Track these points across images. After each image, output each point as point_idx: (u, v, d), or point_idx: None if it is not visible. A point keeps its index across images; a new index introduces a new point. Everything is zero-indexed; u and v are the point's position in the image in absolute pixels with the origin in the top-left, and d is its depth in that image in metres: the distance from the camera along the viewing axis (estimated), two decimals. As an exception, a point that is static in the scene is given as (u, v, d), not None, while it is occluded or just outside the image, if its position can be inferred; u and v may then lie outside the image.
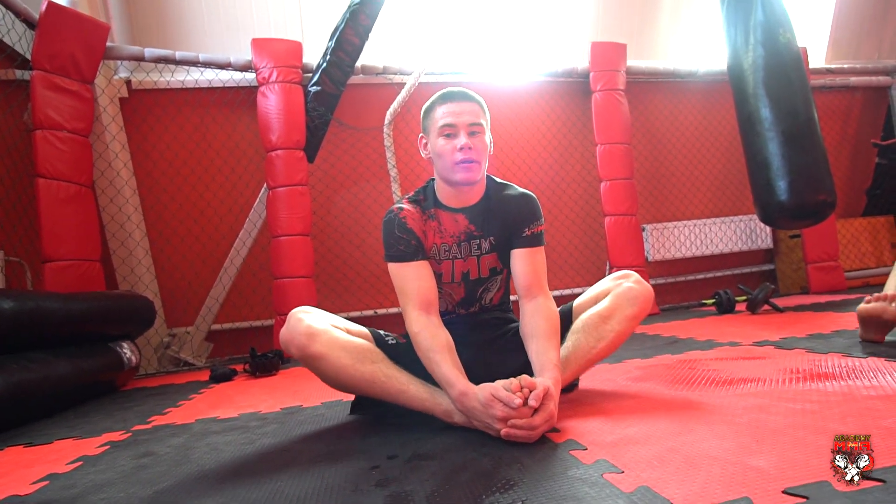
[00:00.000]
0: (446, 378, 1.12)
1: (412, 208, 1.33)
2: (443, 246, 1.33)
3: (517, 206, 1.33)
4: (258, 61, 3.05)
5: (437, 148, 1.28)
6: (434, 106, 1.30)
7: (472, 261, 1.34)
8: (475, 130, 1.27)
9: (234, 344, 3.25)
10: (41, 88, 2.46)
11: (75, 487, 1.04)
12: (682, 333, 2.42)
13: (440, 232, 1.33)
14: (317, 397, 1.72)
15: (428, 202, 1.35)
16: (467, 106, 1.27)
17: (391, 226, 1.29)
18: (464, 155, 1.24)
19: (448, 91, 1.31)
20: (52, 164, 2.45)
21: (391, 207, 1.34)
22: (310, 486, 0.91)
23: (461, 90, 1.30)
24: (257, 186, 3.26)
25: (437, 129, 1.27)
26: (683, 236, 3.94)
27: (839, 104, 4.45)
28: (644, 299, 1.35)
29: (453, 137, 1.26)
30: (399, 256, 1.27)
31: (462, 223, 1.33)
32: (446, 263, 1.34)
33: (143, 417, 1.69)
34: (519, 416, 1.00)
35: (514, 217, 1.32)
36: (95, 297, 2.26)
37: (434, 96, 1.33)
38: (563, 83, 3.83)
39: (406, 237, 1.28)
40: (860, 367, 1.39)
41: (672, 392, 1.33)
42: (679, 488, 0.74)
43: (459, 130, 1.25)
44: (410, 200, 1.36)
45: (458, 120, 1.25)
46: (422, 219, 1.32)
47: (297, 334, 1.23)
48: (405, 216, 1.30)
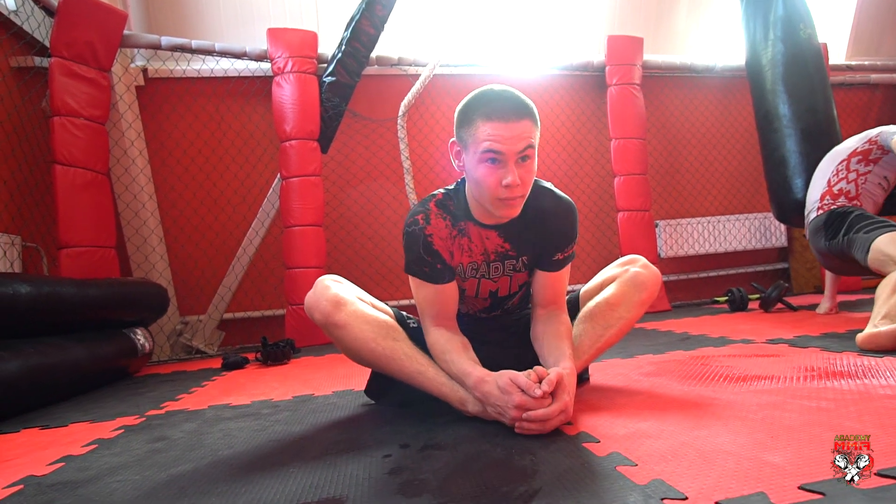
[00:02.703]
0: (462, 370, 1.11)
1: (439, 222, 1.18)
2: (470, 265, 1.23)
3: (555, 224, 1.20)
4: (273, 51, 3.06)
5: (476, 173, 1.08)
6: (475, 118, 1.06)
7: (503, 280, 1.26)
8: (527, 155, 1.06)
9: (245, 333, 3.28)
10: (59, 76, 2.48)
11: (90, 469, 1.05)
12: (695, 330, 2.40)
13: (469, 250, 1.21)
14: (328, 386, 1.73)
15: (458, 213, 1.20)
16: (519, 127, 1.04)
17: (415, 243, 1.17)
18: (510, 193, 1.06)
19: (494, 99, 1.07)
20: (68, 151, 2.48)
21: (415, 215, 1.18)
22: (322, 472, 0.92)
23: (511, 99, 1.07)
24: (271, 176, 3.27)
25: (478, 150, 1.05)
26: (697, 233, 3.90)
27: (859, 102, 4.38)
28: (652, 284, 1.32)
29: (499, 166, 1.05)
30: (422, 276, 1.19)
31: (494, 241, 1.21)
32: (472, 281, 1.25)
33: (157, 403, 1.71)
34: (535, 405, 0.99)
35: (549, 235, 1.21)
36: (110, 284, 2.29)
37: (474, 98, 1.10)
38: (578, 77, 3.80)
39: (432, 260, 1.17)
40: (876, 367, 1.37)
41: (685, 387, 1.32)
42: (693, 482, 0.74)
43: (508, 159, 1.04)
44: (438, 207, 1.20)
45: (506, 147, 1.04)
46: (449, 237, 1.19)
47: (323, 300, 1.23)
48: (431, 235, 1.17)
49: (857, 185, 2.27)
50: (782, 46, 3.16)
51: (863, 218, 2.12)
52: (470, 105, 1.10)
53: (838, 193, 2.29)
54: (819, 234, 2.29)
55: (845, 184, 2.29)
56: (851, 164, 2.30)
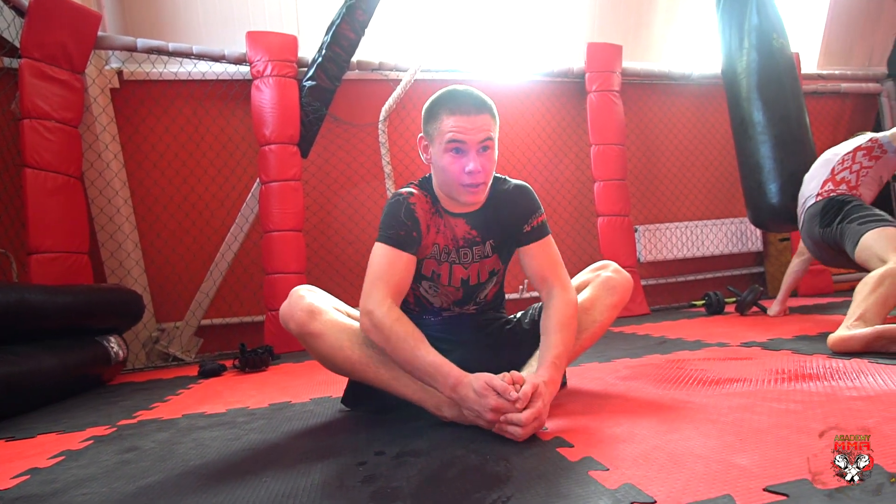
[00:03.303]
0: (436, 366, 1.07)
1: (422, 197, 1.26)
2: (444, 248, 1.28)
3: (512, 202, 1.28)
4: (253, 54, 3.04)
5: (441, 162, 1.17)
6: (440, 113, 1.17)
7: (473, 267, 1.31)
8: (486, 146, 1.16)
9: (224, 339, 3.23)
10: (30, 77, 2.43)
11: (56, 482, 1.02)
12: (672, 334, 2.43)
13: (443, 233, 1.27)
14: (306, 394, 1.72)
15: (432, 198, 1.28)
16: (479, 120, 1.14)
17: (397, 208, 1.22)
18: (472, 179, 1.15)
19: (457, 96, 1.17)
20: (39, 154, 2.42)
21: (399, 190, 1.27)
22: (295, 481, 0.90)
23: (472, 96, 1.17)
24: (250, 181, 3.24)
25: (443, 141, 1.15)
26: (675, 238, 3.96)
27: (830, 110, 4.49)
28: (623, 288, 1.36)
29: (462, 155, 1.15)
30: (395, 241, 1.19)
31: (462, 228, 1.28)
32: (445, 266, 1.29)
33: (129, 412, 1.67)
34: (511, 408, 0.99)
35: (511, 214, 1.27)
36: (82, 291, 2.24)
37: (440, 96, 1.19)
38: (558, 83, 3.84)
39: (410, 224, 1.21)
40: (844, 369, 1.40)
41: (659, 391, 1.33)
42: (662, 486, 0.74)
43: (469, 148, 1.14)
44: (420, 188, 1.28)
45: (468, 137, 1.14)
46: (430, 210, 1.26)
47: (297, 310, 1.24)
48: (415, 203, 1.24)
49: (859, 175, 2.24)
50: (756, 55, 3.23)
51: (860, 209, 2.07)
52: (435, 102, 1.20)
53: (840, 181, 2.25)
54: (815, 220, 2.24)
55: (848, 173, 2.25)
56: (857, 156, 2.27)
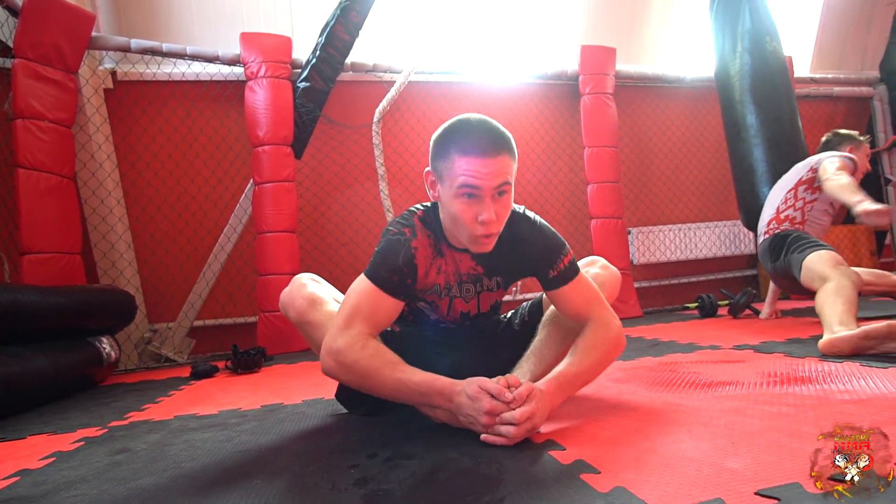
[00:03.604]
0: (427, 384, 1.05)
1: (424, 239, 1.15)
2: (445, 284, 1.21)
3: (529, 245, 1.17)
4: (247, 55, 3.03)
5: (451, 207, 1.06)
6: (451, 151, 1.04)
7: (473, 302, 1.26)
8: (503, 191, 1.05)
9: (216, 341, 3.22)
10: (23, 77, 2.42)
11: (46, 484, 1.02)
12: (665, 336, 2.44)
13: (444, 272, 1.20)
14: (298, 395, 1.71)
15: (436, 234, 1.18)
16: (496, 163, 1.02)
17: (396, 250, 1.11)
18: (485, 229, 1.05)
19: (470, 133, 1.04)
20: (32, 155, 2.41)
21: (402, 227, 1.14)
22: (286, 484, 0.90)
23: (488, 133, 1.04)
24: (243, 182, 3.23)
25: (454, 185, 1.03)
26: (668, 240, 3.98)
27: (822, 113, 4.52)
28: (611, 284, 1.34)
29: (475, 202, 1.04)
30: (386, 286, 1.11)
31: (466, 263, 1.21)
32: (445, 300, 1.24)
33: (121, 413, 1.66)
34: (506, 410, 0.98)
35: (526, 259, 1.19)
36: (75, 291, 2.22)
37: (451, 131, 1.07)
38: (552, 85, 3.85)
39: (406, 272, 1.12)
40: (836, 372, 1.41)
41: (652, 394, 1.34)
42: (654, 489, 0.75)
43: (484, 194, 1.03)
44: (422, 223, 1.16)
45: (483, 182, 1.02)
46: (431, 255, 1.17)
47: (298, 298, 1.23)
48: (416, 249, 1.13)
49: (804, 212, 2.42)
50: (749, 58, 3.26)
51: (798, 239, 2.28)
52: (446, 137, 1.07)
53: (784, 219, 2.44)
54: (766, 257, 2.46)
55: (792, 211, 2.44)
56: (799, 192, 2.44)
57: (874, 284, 2.24)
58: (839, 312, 1.77)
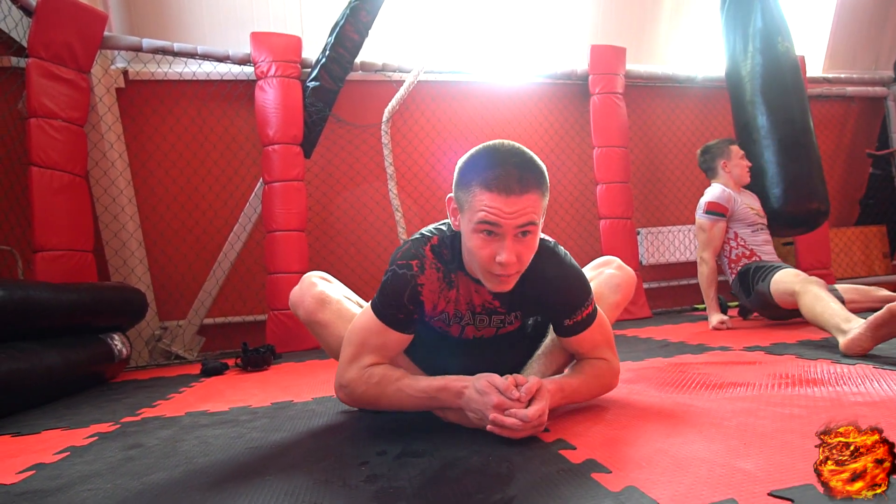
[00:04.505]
0: (435, 388, 1.07)
1: (432, 273, 1.10)
2: (455, 313, 1.16)
3: (551, 295, 1.11)
4: (257, 55, 3.05)
5: (470, 242, 1.00)
6: (474, 184, 0.96)
7: (488, 330, 1.21)
8: (528, 231, 0.97)
9: (226, 338, 3.24)
10: (37, 76, 2.44)
11: (61, 478, 1.03)
12: (674, 337, 2.43)
13: (455, 301, 1.15)
14: (308, 393, 1.72)
15: (452, 263, 1.11)
16: (522, 202, 0.94)
17: (402, 288, 1.08)
18: (503, 270, 0.98)
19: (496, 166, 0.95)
20: (45, 153, 2.43)
21: (410, 259, 1.09)
22: (298, 480, 0.91)
23: (518, 167, 0.95)
24: (253, 181, 3.25)
25: (473, 220, 0.96)
26: (678, 241, 3.96)
27: (835, 114, 4.48)
28: (627, 285, 1.33)
29: (494, 239, 0.97)
30: (392, 322, 1.10)
31: (483, 296, 1.14)
32: (455, 326, 1.20)
33: (133, 409, 1.68)
34: (513, 406, 0.98)
35: (547, 303, 1.14)
36: (87, 288, 2.25)
37: (476, 160, 0.99)
38: (561, 85, 3.84)
39: (412, 309, 1.09)
40: (848, 374, 1.40)
41: (662, 395, 1.33)
42: (666, 489, 0.74)
43: (505, 233, 0.96)
44: (434, 254, 1.10)
45: (505, 221, 0.94)
46: (439, 290, 1.12)
47: (308, 297, 1.23)
48: (422, 286, 1.09)
49: (743, 244, 2.65)
50: (761, 58, 3.23)
51: (758, 271, 2.47)
52: (470, 166, 1.00)
53: (737, 258, 2.66)
54: (741, 295, 2.62)
55: (738, 249, 2.66)
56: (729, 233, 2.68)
57: (857, 302, 2.38)
58: (835, 312, 1.82)
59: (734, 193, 2.69)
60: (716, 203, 2.63)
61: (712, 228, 2.63)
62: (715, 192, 2.68)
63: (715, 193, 2.66)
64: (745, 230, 2.65)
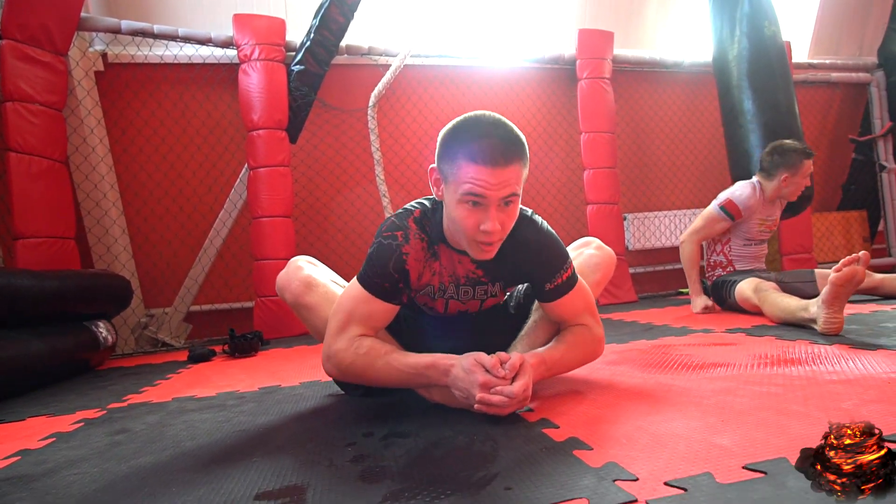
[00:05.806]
0: (423, 365, 1.08)
1: (417, 243, 1.13)
2: (440, 286, 1.19)
3: (533, 257, 1.15)
4: (240, 38, 3.00)
5: (454, 212, 1.03)
6: (458, 156, 0.99)
7: (473, 303, 1.25)
8: (510, 201, 1.02)
9: (213, 325, 3.22)
10: (11, 59, 2.38)
11: (47, 463, 1.03)
12: (659, 320, 2.46)
13: (439, 273, 1.18)
14: (295, 377, 1.73)
15: (433, 234, 1.15)
16: (506, 174, 0.98)
17: (388, 257, 1.10)
18: (487, 238, 1.02)
19: (481, 138, 0.98)
20: (23, 138, 2.38)
21: (394, 230, 1.12)
22: (285, 461, 0.92)
23: (500, 140, 0.98)
24: (238, 166, 3.21)
25: (458, 191, 1.00)
26: (664, 226, 3.99)
27: (819, 99, 4.52)
28: (606, 265, 1.36)
29: (479, 210, 1.00)
30: (379, 292, 1.11)
31: (466, 266, 1.18)
32: (441, 301, 1.22)
33: (119, 396, 1.68)
34: (499, 384, 1.00)
35: (528, 269, 1.17)
36: (69, 276, 2.22)
37: (460, 131, 1.01)
38: (549, 70, 3.83)
39: (398, 277, 1.11)
40: (825, 354, 1.43)
41: (644, 375, 1.36)
42: (645, 464, 0.76)
43: (489, 203, 1.00)
44: (417, 225, 1.14)
45: (490, 192, 0.98)
46: (423, 259, 1.14)
47: (294, 280, 1.24)
48: (407, 254, 1.11)
49: (726, 254, 2.64)
50: (748, 43, 3.24)
51: (724, 284, 2.53)
52: (454, 137, 1.02)
53: (714, 265, 2.68)
54: (720, 301, 2.62)
55: (716, 256, 2.67)
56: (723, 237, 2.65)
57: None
58: (790, 304, 1.95)
59: (761, 204, 2.52)
60: (735, 206, 2.50)
61: (714, 224, 2.57)
62: (745, 193, 2.50)
63: (744, 195, 2.49)
64: (738, 241, 2.60)
